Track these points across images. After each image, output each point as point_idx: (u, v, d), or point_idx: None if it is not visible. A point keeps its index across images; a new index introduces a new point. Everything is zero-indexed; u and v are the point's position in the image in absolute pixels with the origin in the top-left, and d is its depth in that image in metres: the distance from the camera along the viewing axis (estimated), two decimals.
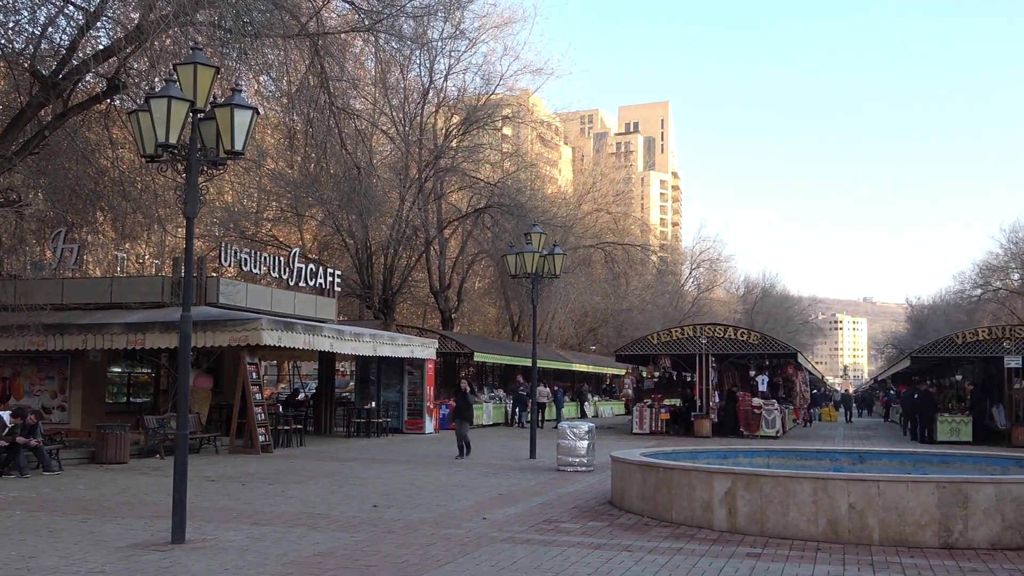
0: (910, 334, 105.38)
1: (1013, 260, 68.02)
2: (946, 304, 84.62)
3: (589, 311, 57.67)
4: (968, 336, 32.08)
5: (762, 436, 32.08)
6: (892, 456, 16.44)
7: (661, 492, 12.40)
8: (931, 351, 34.00)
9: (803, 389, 40.30)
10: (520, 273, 22.43)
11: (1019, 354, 30.42)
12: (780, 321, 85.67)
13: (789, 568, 9.36)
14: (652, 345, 34.55)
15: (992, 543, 10.46)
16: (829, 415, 55.27)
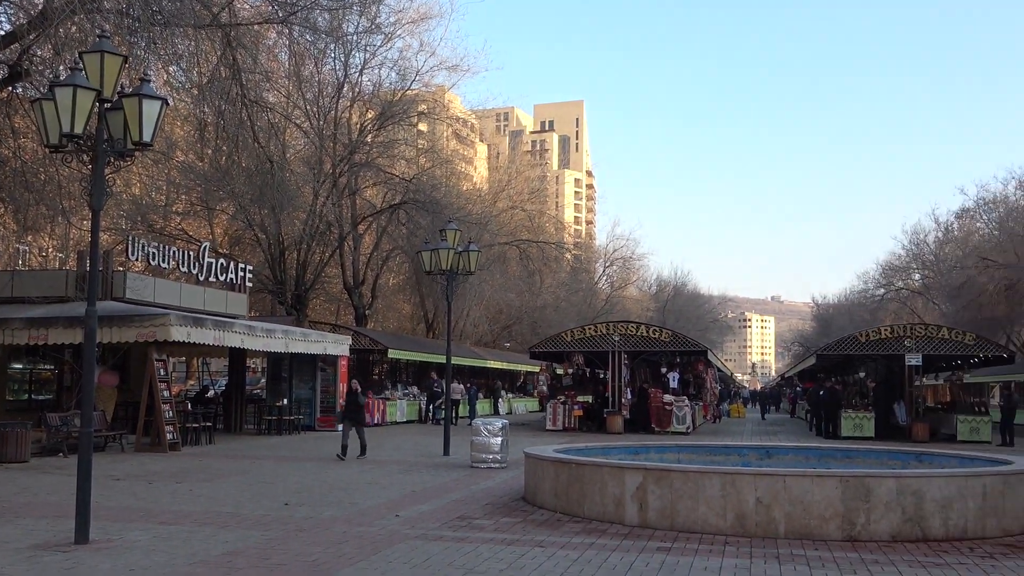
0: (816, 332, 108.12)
1: (914, 261, 70.20)
2: (850, 303, 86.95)
3: (504, 308, 57.87)
4: (871, 335, 33.02)
5: (673, 432, 32.55)
6: (798, 451, 16.85)
7: (574, 488, 12.50)
8: (835, 349, 34.90)
9: (713, 386, 41.05)
10: (435, 270, 22.38)
11: (919, 352, 31.40)
12: (691, 319, 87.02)
13: (698, 561, 9.52)
14: (566, 342, 34.81)
15: (893, 535, 10.78)
16: (738, 411, 56.39)
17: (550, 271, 59.25)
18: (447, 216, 32.17)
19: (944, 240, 66.72)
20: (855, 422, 32.27)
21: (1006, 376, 49.16)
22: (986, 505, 11.18)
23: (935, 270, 63.48)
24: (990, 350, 33.02)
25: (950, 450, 16.79)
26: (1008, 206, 55.25)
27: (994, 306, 48.77)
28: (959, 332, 32.93)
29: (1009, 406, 32.11)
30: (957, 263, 56.61)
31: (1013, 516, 11.39)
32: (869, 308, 74.21)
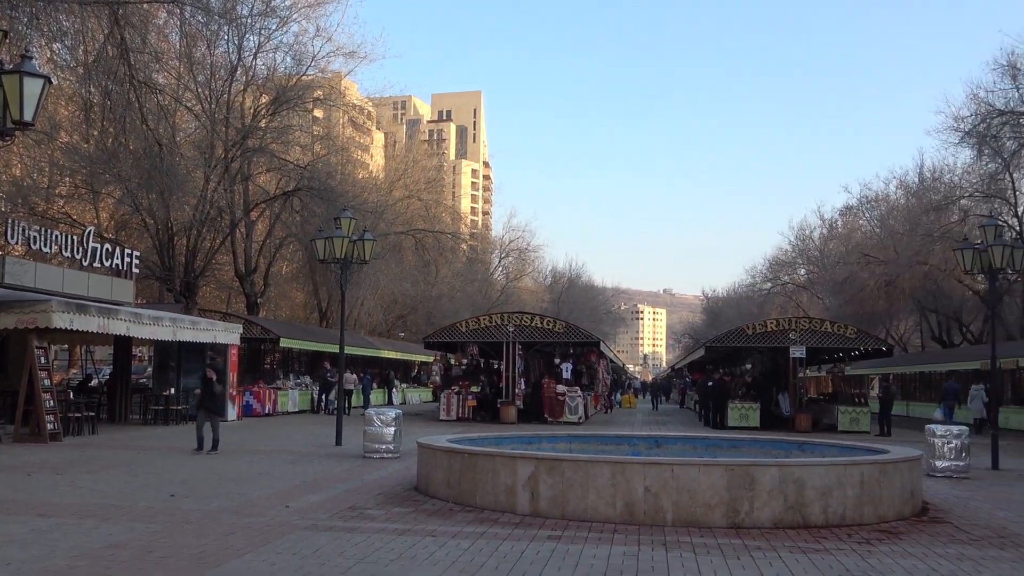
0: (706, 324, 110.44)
1: (800, 256, 72.20)
2: (739, 297, 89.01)
3: (399, 298, 57.59)
4: (757, 327, 33.90)
5: (566, 422, 32.90)
6: (686, 441, 17.21)
7: (466, 477, 12.53)
8: (724, 341, 35.76)
9: (605, 377, 41.59)
10: (329, 258, 22.13)
11: (803, 345, 32.36)
12: (585, 310, 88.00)
13: (588, 549, 9.65)
14: (461, 333, 34.84)
15: (775, 523, 11.10)
16: (629, 402, 57.26)
17: (446, 261, 59.24)
18: (342, 204, 31.83)
19: (829, 236, 68.81)
20: (741, 412, 33.11)
21: (885, 369, 51.06)
22: (864, 493, 11.60)
23: (820, 265, 65.45)
24: (870, 343, 34.24)
25: (831, 440, 17.38)
26: (889, 205, 57.26)
27: (875, 301, 50.59)
28: (841, 326, 34.05)
29: (887, 397, 33.31)
30: (840, 259, 58.47)
31: (889, 503, 11.84)
32: (756, 301, 76.13)
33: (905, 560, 9.42)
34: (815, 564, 9.15)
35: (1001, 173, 40.67)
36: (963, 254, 20.70)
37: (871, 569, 8.98)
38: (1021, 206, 42.75)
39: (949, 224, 43.65)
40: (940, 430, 17.72)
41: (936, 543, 10.41)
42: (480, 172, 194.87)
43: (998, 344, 23.52)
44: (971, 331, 53.22)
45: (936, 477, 16.99)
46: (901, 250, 46.33)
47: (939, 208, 45.20)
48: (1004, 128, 37.10)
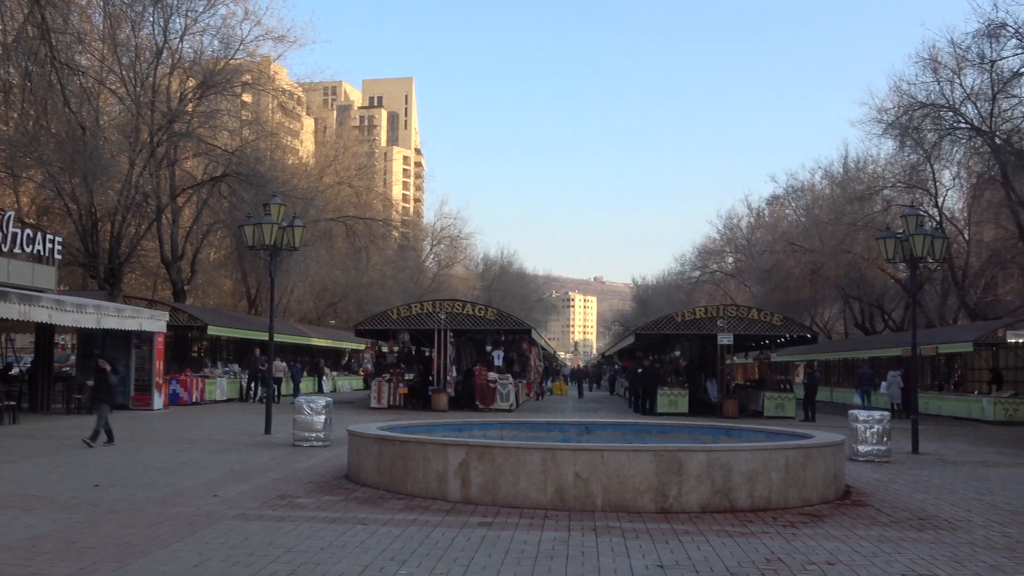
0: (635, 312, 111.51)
1: (728, 245, 73.25)
2: (668, 284, 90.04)
3: (329, 285, 57.14)
4: (686, 315, 34.27)
5: (497, 409, 32.98)
6: (616, 427, 17.36)
7: (397, 465, 12.50)
8: (653, 328, 36.09)
9: (536, 364, 41.74)
10: (258, 245, 21.86)
11: (731, 332, 32.82)
12: (517, 298, 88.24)
13: (519, 535, 9.70)
14: (392, 320, 34.68)
15: (703, 507, 11.27)
16: (560, 389, 57.56)
17: (377, 248, 58.90)
18: (271, 190, 31.40)
19: (756, 226, 69.94)
20: (670, 399, 33.49)
21: (809, 355, 52.02)
22: (788, 477, 11.83)
23: (747, 254, 66.46)
24: (795, 331, 34.85)
25: (757, 425, 17.69)
26: (814, 194, 58.31)
27: (800, 289, 51.51)
28: (767, 313, 34.60)
29: (811, 384, 33.90)
30: (767, 248, 59.44)
31: (812, 487, 12.10)
32: (685, 289, 77.05)
33: (828, 543, 9.64)
34: (741, 547, 9.32)
35: (922, 164, 41.66)
36: (885, 243, 21.19)
37: (795, 551, 9.17)
38: (941, 196, 43.92)
39: (872, 214, 44.60)
40: (863, 415, 18.12)
41: (858, 526, 10.67)
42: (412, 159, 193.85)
43: (918, 331, 24.12)
44: (893, 318, 54.51)
45: (859, 461, 17.38)
46: (826, 239, 47.22)
47: (863, 198, 46.17)
48: (925, 120, 37.98)
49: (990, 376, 36.79)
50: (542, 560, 8.59)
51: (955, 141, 38.74)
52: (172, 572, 7.96)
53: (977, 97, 36.60)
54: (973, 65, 35.92)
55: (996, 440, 24.53)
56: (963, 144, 38.83)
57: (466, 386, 34.80)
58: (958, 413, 34.82)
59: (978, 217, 42.77)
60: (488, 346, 36.84)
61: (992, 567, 8.65)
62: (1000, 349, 38.05)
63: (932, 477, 15.55)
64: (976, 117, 36.60)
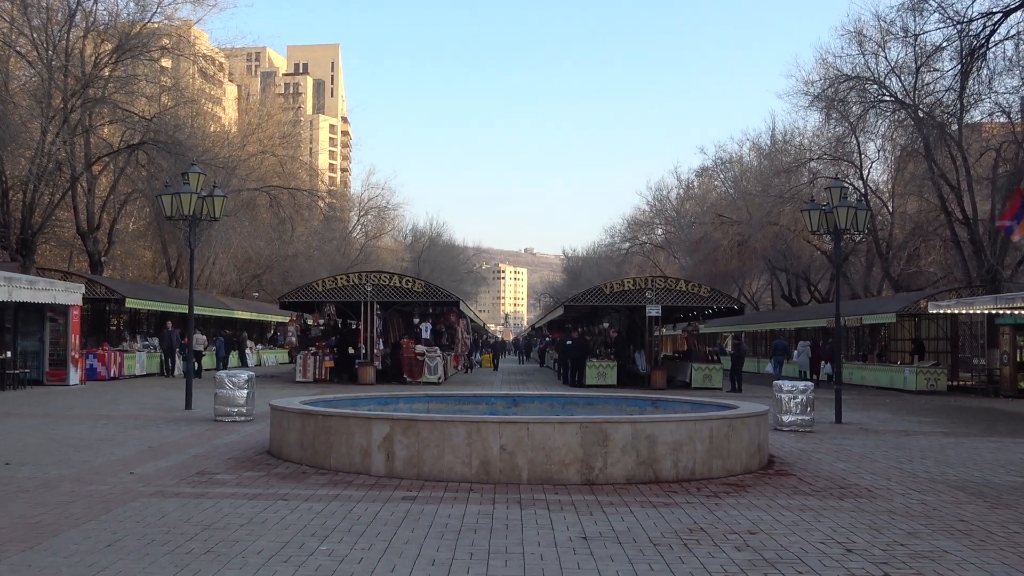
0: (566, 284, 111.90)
1: (657, 216, 73.83)
2: (598, 256, 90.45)
3: (253, 257, 56.36)
4: (615, 286, 34.53)
5: (425, 382, 32.96)
6: (543, 399, 17.46)
7: (320, 440, 12.42)
8: (582, 300, 36.28)
9: (465, 336, 41.72)
10: (177, 215, 21.44)
11: (659, 304, 33.15)
12: (446, 270, 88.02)
13: (443, 509, 9.71)
14: (318, 292, 34.38)
15: (628, 478, 11.39)
16: (490, 362, 57.67)
17: (302, 219, 58.19)
18: (191, 159, 30.84)
19: (685, 197, 70.58)
20: (599, 371, 33.77)
21: (737, 327, 52.94)
22: (712, 447, 12.01)
23: (676, 225, 67.10)
24: (723, 302, 35.33)
25: (684, 396, 17.90)
26: (743, 166, 59.04)
27: (728, 260, 52.22)
28: (696, 285, 35.03)
29: (738, 355, 34.60)
30: (696, 219, 60.11)
31: (736, 457, 12.30)
32: (615, 261, 77.48)
33: (751, 512, 9.82)
34: (664, 517, 9.44)
35: (848, 136, 42.35)
36: (810, 215, 21.54)
37: (718, 521, 9.32)
38: (866, 169, 44.75)
39: (799, 186, 45.29)
40: (787, 386, 18.47)
41: (780, 495, 10.88)
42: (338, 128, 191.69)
43: (843, 302, 24.63)
44: (819, 290, 55.58)
45: (783, 431, 17.73)
46: (753, 211, 47.86)
47: (789, 170, 46.85)
48: (851, 93, 38.58)
49: (912, 347, 37.79)
50: (465, 534, 8.61)
51: (880, 114, 39.46)
52: (84, 551, 7.81)
53: (901, 70, 37.32)
54: (897, 39, 36.59)
55: (917, 409, 25.20)
56: (887, 117, 39.58)
57: (393, 359, 34.72)
58: (881, 383, 35.73)
59: (902, 189, 43.68)
60: (416, 318, 36.75)
61: (909, 534, 8.88)
62: (922, 320, 39.09)
63: (854, 447, 15.92)
64: (900, 90, 37.31)
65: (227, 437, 15.87)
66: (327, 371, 34.08)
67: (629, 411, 15.48)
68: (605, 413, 15.22)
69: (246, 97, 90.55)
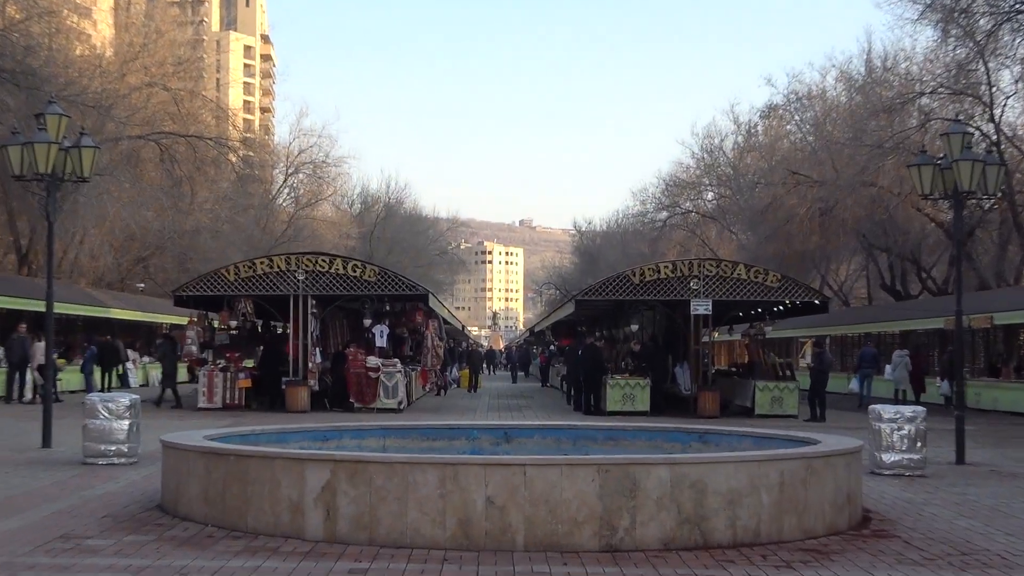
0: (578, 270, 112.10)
1: (707, 175, 73.81)
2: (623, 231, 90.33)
3: (138, 232, 56.19)
4: (648, 273, 34.42)
5: (380, 409, 32.97)
6: (546, 432, 17.46)
7: (233, 490, 12.42)
8: (601, 293, 36.17)
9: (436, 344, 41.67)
10: (29, 173, 21.39)
11: (709, 297, 33.09)
12: (409, 251, 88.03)
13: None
14: (228, 283, 34.33)
15: (665, 543, 11.39)
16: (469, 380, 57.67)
17: (207, 180, 58.16)
18: (49, 94, 30.75)
19: (746, 147, 70.65)
20: (624, 392, 33.75)
21: (819, 329, 52.84)
22: (784, 498, 12.03)
23: (733, 187, 67.16)
24: (799, 295, 35.27)
25: (744, 428, 17.92)
26: (826, 104, 58.98)
27: (806, 236, 52.15)
28: (761, 271, 34.93)
29: (820, 369, 34.31)
30: (761, 178, 60.08)
31: (817, 512, 12.32)
32: (648, 238, 77.34)
33: None
34: None
35: (974, 62, 42.23)
36: (920, 172, 21.39)
37: None
38: (999, 107, 44.48)
39: (905, 131, 45.26)
40: (888, 412, 18.46)
41: (879, 565, 10.90)
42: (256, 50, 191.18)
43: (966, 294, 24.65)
44: (932, 277, 55.69)
45: (883, 475, 17.74)
46: (842, 167, 47.80)
47: (892, 109, 46.73)
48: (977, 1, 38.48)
49: None
50: None
51: (1017, 30, 39.38)
52: None
53: None
54: None
55: None
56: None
57: (336, 376, 34.69)
58: (1021, 408, 35.70)
59: None
60: (367, 319, 36.72)
61: None
62: None
63: (982, 497, 15.94)
64: None
65: (102, 487, 15.88)
66: (242, 393, 34.06)
67: (667, 448, 15.49)
68: (633, 451, 15.23)
69: (126, 8, 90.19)
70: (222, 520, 12.47)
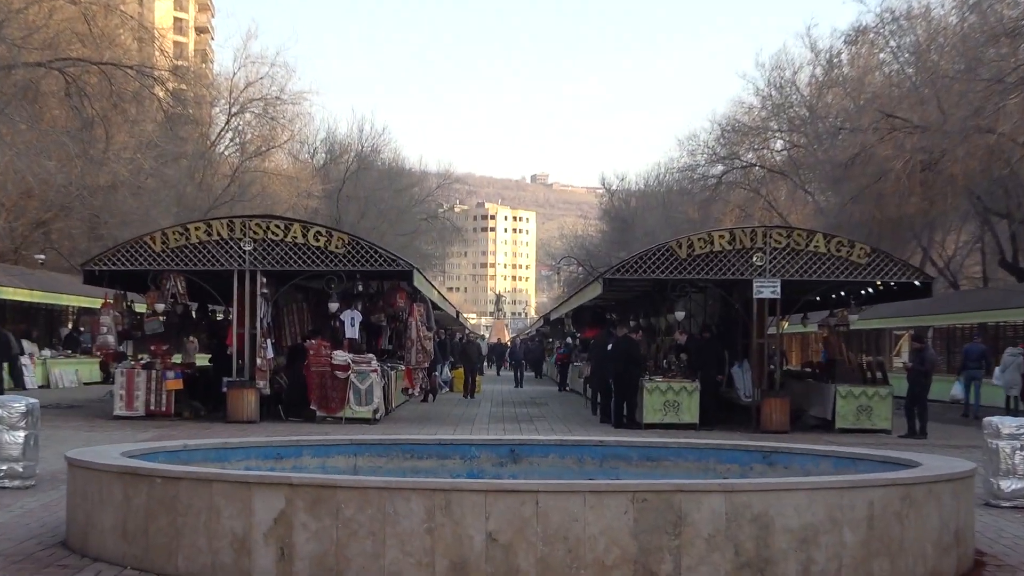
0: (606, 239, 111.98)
1: (775, 117, 73.52)
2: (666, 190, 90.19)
3: (36, 188, 56.28)
4: (698, 244, 34.26)
5: (350, 419, 32.97)
6: (564, 450, 17.43)
7: (159, 522, 12.41)
8: (637, 269, 36.01)
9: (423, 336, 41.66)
10: None
11: (777, 277, 32.97)
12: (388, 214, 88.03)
13: None
14: (154, 254, 34.31)
15: None
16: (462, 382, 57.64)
17: (126, 120, 58.20)
18: None
19: (825, 82, 70.41)
20: (667, 398, 33.69)
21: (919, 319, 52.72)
22: (873, 537, 12.00)
23: (809, 134, 67.02)
24: (894, 273, 35.07)
25: (821, 446, 17.85)
26: (931, 25, 58.69)
27: (903, 198, 51.95)
28: (844, 242, 34.78)
29: (921, 370, 34.16)
30: (845, 122, 59.88)
31: (916, 555, 12.29)
32: (698, 199, 77.22)
33: None
34: None
35: None
36: None
37: None
38: None
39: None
40: (1009, 425, 18.39)
41: None
42: None
43: None
44: None
45: (1000, 507, 17.71)
46: (951, 107, 47.65)
47: (1018, 32, 46.58)
48: None
49: None
50: None
51: None
52: None
53: None
54: None
55: None
56: None
57: (293, 377, 34.69)
58: None
59: None
60: (334, 303, 36.67)
61: None
62: None
63: None
64: None
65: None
66: (172, 398, 34.07)
67: (722, 472, 15.48)
68: (678, 475, 15.23)
69: None
70: (144, 560, 12.47)
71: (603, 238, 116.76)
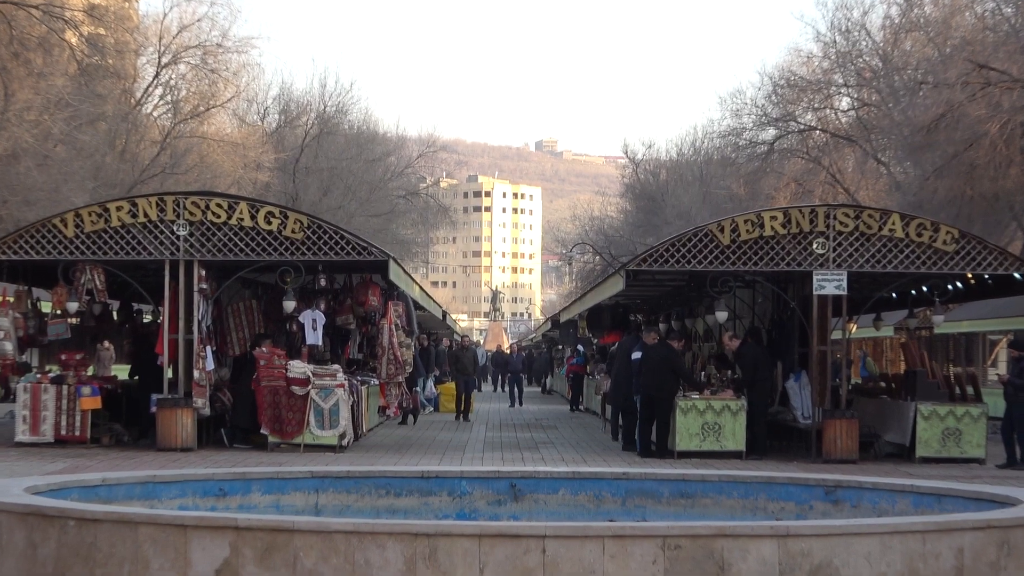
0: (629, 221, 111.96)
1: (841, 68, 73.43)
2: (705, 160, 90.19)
3: None
4: (744, 227, 34.32)
5: (310, 445, 33.04)
6: (577, 484, 17.47)
7: (73, 573, 12.45)
8: (667, 260, 36.07)
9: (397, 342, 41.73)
10: None
11: (843, 268, 32.95)
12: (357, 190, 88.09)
13: None
14: (66, 240, 34.39)
15: None
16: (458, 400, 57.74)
17: (29, 73, 58.34)
18: None
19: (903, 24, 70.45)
20: (705, 419, 33.71)
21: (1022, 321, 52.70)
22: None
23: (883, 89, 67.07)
24: (989, 262, 35.08)
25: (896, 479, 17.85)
26: None
27: (1000, 170, 51.91)
28: (927, 224, 34.81)
29: (1022, 384, 34.19)
30: (928, 75, 59.94)
31: None
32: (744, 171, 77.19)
33: None
34: None
35: None
36: None
37: None
38: None
39: None
40: None
41: None
42: None
43: None
44: None
45: None
46: None
47: None
48: None
49: None
50: None
51: None
52: None
53: None
54: None
55: None
56: None
57: (240, 393, 34.74)
58: None
59: None
60: (290, 301, 36.70)
61: None
62: None
63: None
64: None
65: None
66: (88, 419, 34.11)
67: (774, 511, 15.53)
68: (719, 516, 15.27)
69: None
70: None
71: (625, 220, 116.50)
